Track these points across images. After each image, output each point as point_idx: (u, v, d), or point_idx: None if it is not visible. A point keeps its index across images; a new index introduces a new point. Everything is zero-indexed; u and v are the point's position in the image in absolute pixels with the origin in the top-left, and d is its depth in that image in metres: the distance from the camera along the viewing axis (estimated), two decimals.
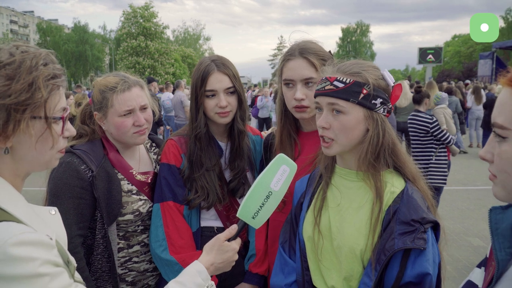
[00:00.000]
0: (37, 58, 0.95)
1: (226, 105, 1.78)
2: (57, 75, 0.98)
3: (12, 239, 0.85)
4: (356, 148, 1.34)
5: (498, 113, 0.87)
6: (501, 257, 0.96)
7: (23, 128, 0.93)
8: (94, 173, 1.67)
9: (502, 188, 0.90)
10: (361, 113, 1.29)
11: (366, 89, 1.28)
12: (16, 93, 0.90)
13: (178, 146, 1.85)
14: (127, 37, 38.66)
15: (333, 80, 1.30)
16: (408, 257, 1.22)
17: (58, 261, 0.94)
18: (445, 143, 4.79)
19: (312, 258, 1.42)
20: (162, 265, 1.77)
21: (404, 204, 1.27)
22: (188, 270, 1.23)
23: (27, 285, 0.86)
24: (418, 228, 1.22)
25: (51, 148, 1.01)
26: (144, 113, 1.79)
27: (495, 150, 0.89)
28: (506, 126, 0.84)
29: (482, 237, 5.32)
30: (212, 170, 1.84)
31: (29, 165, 1.01)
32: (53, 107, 0.98)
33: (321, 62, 1.67)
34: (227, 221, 1.90)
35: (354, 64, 1.34)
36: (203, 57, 1.89)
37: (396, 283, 1.22)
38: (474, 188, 7.87)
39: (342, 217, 1.36)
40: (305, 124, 1.83)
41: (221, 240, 1.29)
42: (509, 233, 0.98)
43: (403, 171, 1.36)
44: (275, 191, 1.29)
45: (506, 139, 0.85)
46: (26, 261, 0.86)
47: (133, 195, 1.79)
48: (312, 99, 1.67)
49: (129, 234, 1.81)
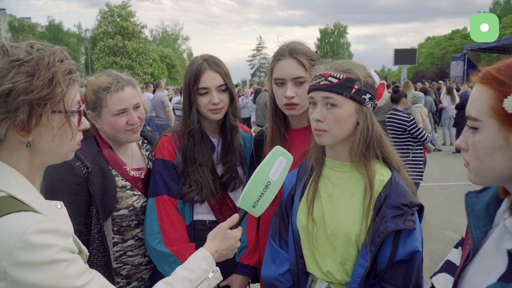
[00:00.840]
0: (54, 55, 0.99)
1: (219, 102, 1.86)
2: (72, 70, 1.04)
3: (32, 227, 0.90)
4: (346, 141, 1.45)
5: (471, 107, 0.97)
6: (476, 235, 1.08)
7: (45, 122, 0.97)
8: (89, 169, 1.71)
9: (475, 174, 1.00)
10: (353, 107, 1.40)
11: (357, 85, 1.39)
12: (38, 89, 0.95)
13: (172, 142, 1.91)
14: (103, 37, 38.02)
15: (328, 76, 1.40)
16: (399, 237, 1.35)
17: (74, 248, 0.99)
18: (421, 141, 4.99)
19: (307, 246, 1.51)
20: (157, 258, 1.83)
21: (393, 191, 1.39)
22: (194, 256, 1.29)
23: (46, 271, 0.90)
24: (407, 211, 1.35)
25: (71, 140, 1.06)
26: (137, 111, 1.85)
27: (469, 140, 0.99)
28: (478, 118, 0.94)
29: (456, 230, 5.55)
30: (205, 165, 1.90)
31: (47, 158, 1.06)
32: (71, 101, 1.04)
33: (309, 62, 1.77)
34: (219, 214, 1.97)
35: (345, 63, 1.45)
36: (195, 57, 1.95)
37: (390, 262, 1.34)
38: (447, 184, 8.17)
39: (335, 205, 1.46)
40: (294, 121, 1.92)
41: (224, 228, 1.36)
42: (483, 214, 1.10)
43: (389, 161, 1.47)
44: (273, 181, 1.36)
45: (478, 130, 0.95)
46: (44, 248, 0.90)
47: (127, 190, 1.84)
48: (302, 97, 1.77)
49: (123, 228, 1.85)
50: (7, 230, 0.89)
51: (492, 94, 0.92)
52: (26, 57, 0.96)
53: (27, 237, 0.88)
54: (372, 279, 1.39)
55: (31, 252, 0.89)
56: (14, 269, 0.88)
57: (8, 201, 0.94)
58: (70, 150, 1.09)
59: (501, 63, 0.95)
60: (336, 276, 1.45)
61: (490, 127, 0.93)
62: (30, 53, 0.97)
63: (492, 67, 0.96)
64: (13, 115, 0.94)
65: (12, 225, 0.90)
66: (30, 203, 0.97)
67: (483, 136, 0.94)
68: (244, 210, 1.37)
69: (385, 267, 1.35)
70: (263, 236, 1.95)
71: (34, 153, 1.03)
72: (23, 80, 0.94)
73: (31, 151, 1.02)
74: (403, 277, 1.34)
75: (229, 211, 2.00)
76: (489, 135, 0.93)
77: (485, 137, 0.94)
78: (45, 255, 0.90)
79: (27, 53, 0.97)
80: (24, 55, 0.97)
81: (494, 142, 0.92)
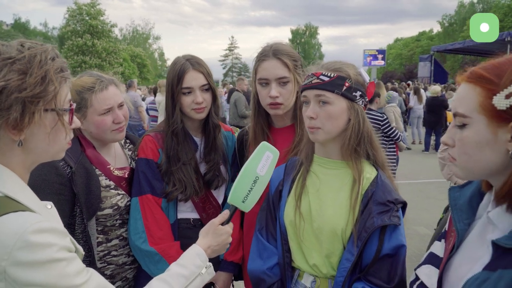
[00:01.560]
0: (45, 53, 1.00)
1: (202, 101, 1.88)
2: (64, 69, 1.04)
3: (31, 227, 0.90)
4: (338, 137, 1.50)
5: (459, 104, 1.01)
6: (460, 227, 1.14)
7: (37, 120, 0.97)
8: (73, 169, 1.70)
9: (462, 168, 1.04)
10: (344, 103, 1.46)
11: (348, 82, 1.45)
12: (31, 86, 0.95)
13: (155, 142, 1.92)
14: (72, 35, 37.03)
15: (319, 75, 1.46)
16: (385, 232, 1.41)
17: (72, 247, 0.99)
18: (394, 140, 5.16)
19: (295, 240, 1.55)
20: (142, 257, 1.83)
21: (379, 188, 1.46)
22: (188, 253, 1.30)
23: (46, 270, 0.91)
24: (392, 208, 1.41)
25: (64, 139, 1.07)
26: (122, 110, 1.85)
27: (455, 136, 1.03)
28: (467, 115, 0.98)
29: (427, 226, 5.75)
30: (189, 164, 1.92)
31: (38, 156, 1.06)
32: (63, 99, 1.04)
33: (292, 62, 1.82)
34: (203, 212, 1.99)
35: (336, 62, 1.51)
36: (177, 57, 1.97)
37: (376, 256, 1.40)
38: (417, 182, 8.46)
39: (322, 201, 1.51)
40: (277, 121, 1.97)
41: (215, 225, 1.38)
42: (466, 207, 1.16)
43: (375, 158, 1.54)
44: (261, 175, 1.40)
45: (466, 126, 0.99)
46: (44, 247, 0.91)
47: (112, 189, 1.83)
48: (286, 97, 1.82)
49: (107, 228, 1.85)
50: (5, 230, 0.89)
51: (480, 91, 0.96)
52: (18, 55, 0.96)
53: (27, 236, 0.89)
54: (358, 273, 1.43)
55: (31, 252, 0.89)
56: (14, 269, 0.88)
57: (5, 202, 0.94)
58: (61, 149, 1.10)
59: (487, 64, 1.00)
60: (322, 270, 1.49)
61: (479, 123, 0.96)
62: (22, 51, 0.97)
63: (478, 67, 1.01)
64: (6, 113, 0.94)
65: (11, 225, 0.90)
66: (26, 203, 0.97)
67: (472, 132, 0.98)
68: (234, 206, 1.40)
69: (371, 261, 1.40)
70: (247, 233, 1.99)
71: (26, 152, 1.02)
72: (16, 78, 0.94)
73: (23, 150, 1.02)
74: (388, 270, 1.39)
75: (213, 209, 2.03)
76: (478, 131, 0.97)
77: (474, 133, 0.97)
78: (45, 254, 0.91)
79: (18, 51, 0.97)
80: (16, 53, 0.96)
81: (483, 137, 0.96)
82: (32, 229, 0.90)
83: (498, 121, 0.94)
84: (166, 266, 1.79)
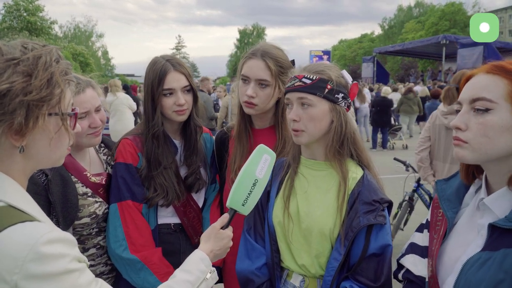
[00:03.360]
0: (50, 55, 0.94)
1: (184, 103, 1.84)
2: (68, 71, 0.99)
3: (43, 238, 0.85)
4: (322, 139, 1.52)
5: (483, 91, 1.09)
6: (450, 215, 1.25)
7: (41, 125, 0.92)
8: (49, 177, 1.60)
9: (475, 150, 1.11)
10: (327, 106, 1.48)
11: (330, 85, 1.47)
12: (37, 89, 0.90)
13: (134, 145, 1.86)
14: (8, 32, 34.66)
15: (301, 78, 1.47)
16: (371, 232, 1.44)
17: (81, 257, 0.95)
18: None
19: (283, 240, 1.56)
20: (123, 265, 1.76)
21: (365, 188, 1.49)
22: (192, 258, 1.28)
23: (59, 282, 0.86)
24: (378, 207, 1.44)
25: (67, 144, 1.02)
26: (99, 114, 1.77)
27: (471, 120, 1.11)
28: (494, 100, 1.07)
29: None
30: (170, 168, 1.88)
31: (39, 163, 1.00)
32: (67, 103, 0.99)
33: (278, 68, 1.82)
34: (184, 216, 1.95)
35: (318, 64, 1.53)
36: (155, 57, 1.90)
37: (362, 255, 1.42)
38: None
39: (310, 202, 1.53)
40: (256, 121, 1.97)
41: (216, 229, 1.36)
42: (453, 197, 1.28)
43: (360, 158, 1.57)
44: (260, 178, 1.39)
45: (490, 111, 1.08)
46: (57, 258, 0.87)
47: (89, 197, 1.75)
48: (262, 99, 1.82)
49: (83, 237, 1.76)
50: (15, 242, 0.83)
51: (508, 83, 1.06)
52: (22, 56, 0.90)
53: (39, 248, 0.84)
54: (346, 272, 1.46)
55: (44, 264, 0.84)
56: (26, 283, 0.83)
57: (9, 211, 0.88)
58: (62, 156, 1.04)
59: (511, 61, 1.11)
60: (310, 270, 1.51)
61: (504, 110, 1.06)
62: (25, 52, 0.91)
63: (503, 62, 1.11)
64: (10, 117, 0.88)
65: (20, 236, 0.84)
66: (30, 212, 0.91)
67: (497, 117, 1.07)
68: (233, 210, 1.38)
69: (358, 260, 1.43)
70: None
71: (27, 159, 0.96)
72: (20, 80, 0.88)
73: (23, 156, 0.95)
74: (375, 269, 1.42)
75: (193, 213, 2.00)
76: (503, 116, 1.07)
77: (499, 117, 1.07)
78: (59, 265, 0.86)
79: (22, 52, 0.91)
80: (19, 54, 0.91)
81: (507, 122, 1.06)
82: (43, 240, 0.85)
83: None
84: (149, 274, 1.76)
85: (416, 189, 5.14)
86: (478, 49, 19.28)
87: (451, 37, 23.74)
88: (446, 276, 1.19)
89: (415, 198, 5.18)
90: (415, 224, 2.18)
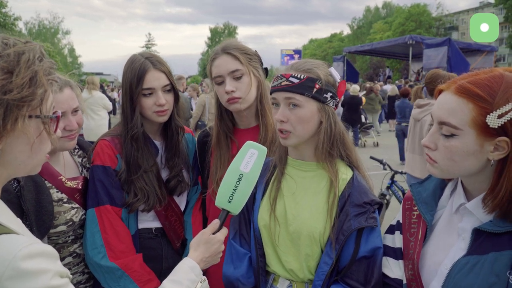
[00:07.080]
0: (33, 52, 0.86)
1: (165, 103, 1.76)
2: (51, 71, 0.91)
3: (21, 252, 0.78)
4: (311, 140, 1.47)
5: (449, 115, 1.09)
6: (428, 218, 1.26)
7: (20, 128, 0.84)
8: (21, 183, 1.50)
9: (442, 170, 1.15)
10: (315, 106, 1.42)
11: (318, 84, 1.41)
12: (18, 88, 0.82)
13: (113, 147, 1.77)
14: None
15: (289, 77, 1.41)
16: (362, 235, 1.40)
17: (64, 271, 0.88)
18: None
19: (270, 244, 1.50)
20: (101, 273, 1.67)
21: (355, 189, 1.44)
22: (181, 267, 1.21)
23: None
24: (369, 209, 1.41)
25: (47, 150, 0.93)
26: (76, 116, 1.68)
27: (439, 142, 1.13)
28: (459, 127, 1.07)
29: None
30: (150, 171, 1.80)
31: (14, 171, 0.91)
32: (49, 105, 0.91)
33: (244, 55, 1.80)
34: (165, 221, 1.88)
35: (306, 62, 1.47)
36: (133, 55, 1.82)
37: (353, 258, 1.38)
38: None
39: (298, 204, 1.48)
40: (240, 120, 1.92)
41: (207, 234, 1.30)
42: (430, 199, 1.30)
43: (350, 158, 1.53)
44: (245, 172, 1.33)
45: (455, 136, 1.09)
46: (38, 274, 0.79)
47: (65, 203, 1.65)
48: (243, 90, 1.78)
49: (59, 246, 1.67)
50: None
51: (473, 108, 1.06)
52: (2, 52, 0.82)
53: (17, 263, 0.77)
54: (335, 275, 1.43)
55: (24, 281, 0.77)
56: None
57: None
58: (40, 163, 0.96)
59: (476, 80, 1.08)
60: (298, 274, 1.46)
61: (468, 136, 1.07)
62: (6, 48, 0.83)
63: (469, 81, 1.09)
64: None
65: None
66: (6, 224, 0.83)
67: (461, 143, 1.08)
68: (225, 211, 1.32)
69: (348, 263, 1.39)
70: None
71: (3, 165, 0.88)
72: (0, 77, 0.80)
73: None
74: (365, 272, 1.38)
75: (175, 216, 1.93)
76: (467, 142, 1.07)
77: (463, 143, 1.08)
78: (39, 282, 0.79)
79: (2, 48, 0.83)
80: (0, 49, 0.82)
81: (471, 148, 1.07)
82: (21, 254, 0.78)
83: (486, 136, 1.05)
84: (129, 281, 1.68)
85: (390, 185, 5.24)
86: (442, 50, 19.85)
87: (417, 37, 24.37)
88: (430, 280, 1.19)
89: (388, 195, 5.27)
90: None
